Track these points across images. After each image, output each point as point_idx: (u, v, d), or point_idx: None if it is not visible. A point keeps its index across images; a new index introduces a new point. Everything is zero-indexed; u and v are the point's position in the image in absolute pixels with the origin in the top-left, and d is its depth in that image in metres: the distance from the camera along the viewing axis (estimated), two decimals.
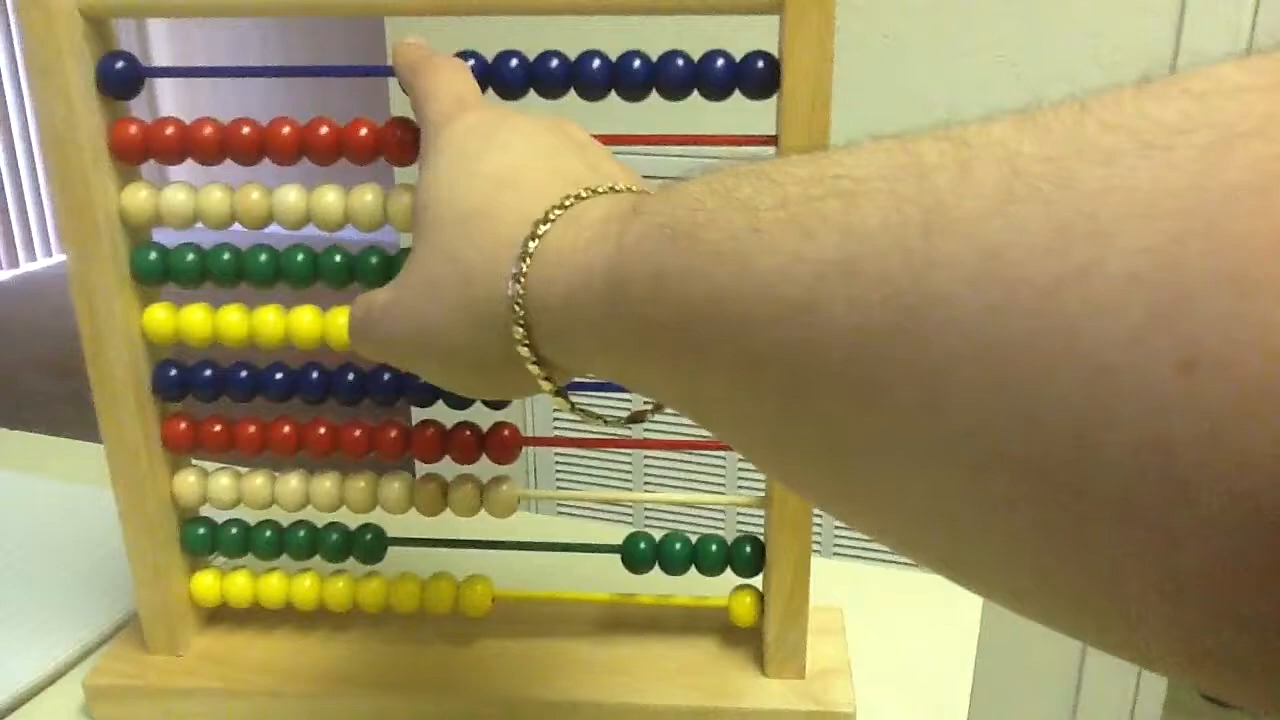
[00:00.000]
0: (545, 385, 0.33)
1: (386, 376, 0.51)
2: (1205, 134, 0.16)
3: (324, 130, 0.48)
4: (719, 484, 1.54)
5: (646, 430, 1.54)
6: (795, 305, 0.22)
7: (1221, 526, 0.15)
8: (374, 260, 0.49)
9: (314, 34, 3.96)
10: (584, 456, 1.61)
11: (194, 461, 0.55)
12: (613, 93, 0.46)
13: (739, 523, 1.50)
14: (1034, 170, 0.18)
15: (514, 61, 0.46)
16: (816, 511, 0.54)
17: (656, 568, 0.54)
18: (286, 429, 0.53)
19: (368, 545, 0.55)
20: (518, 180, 0.34)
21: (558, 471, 1.62)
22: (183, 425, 0.53)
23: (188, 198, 0.49)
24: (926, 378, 0.19)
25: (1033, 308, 0.17)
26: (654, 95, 0.46)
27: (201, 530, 0.55)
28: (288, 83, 3.95)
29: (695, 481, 1.56)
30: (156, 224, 0.50)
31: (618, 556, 0.54)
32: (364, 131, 0.47)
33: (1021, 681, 1.51)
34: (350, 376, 0.51)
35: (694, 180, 0.27)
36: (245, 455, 0.54)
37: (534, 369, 0.32)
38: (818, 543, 1.51)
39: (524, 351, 0.32)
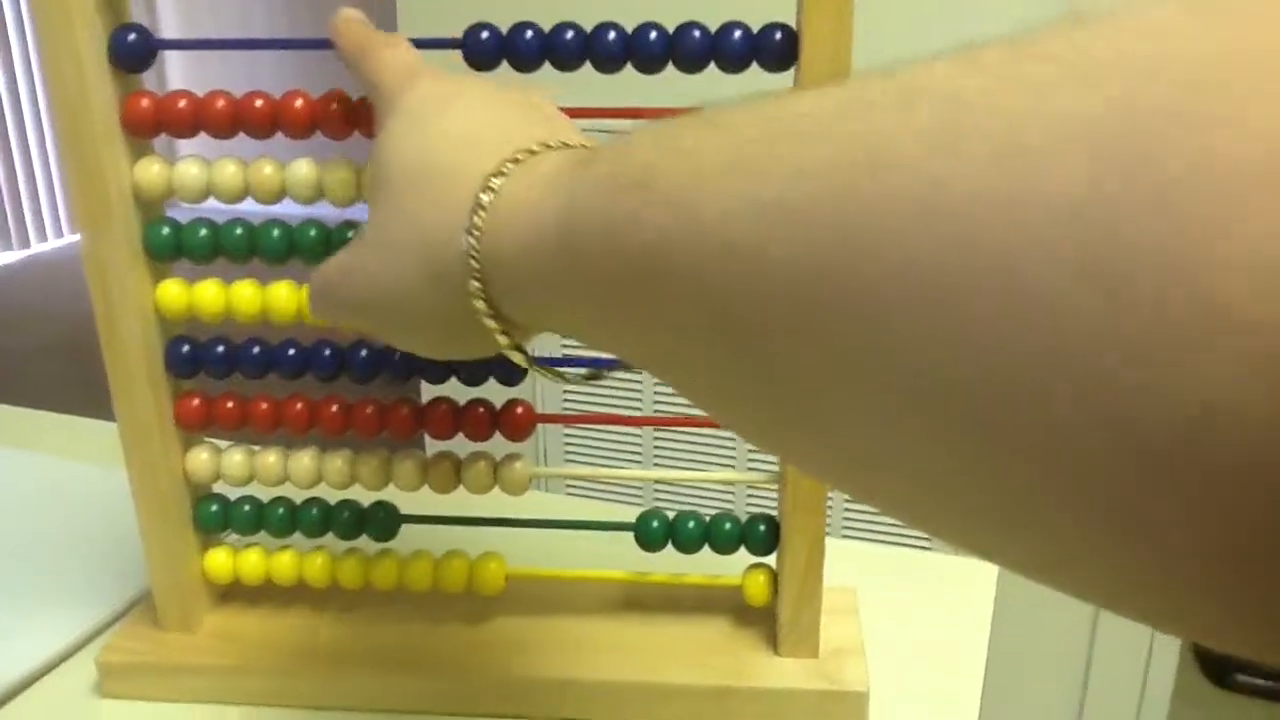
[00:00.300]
0: (502, 340, 0.33)
1: (399, 354, 0.51)
2: (1136, 65, 0.16)
3: (334, 106, 0.47)
4: (729, 462, 1.54)
5: (657, 408, 1.54)
6: (744, 249, 0.21)
7: (1165, 468, 0.15)
8: None
9: (321, 6, 3.94)
10: (593, 434, 1.60)
11: (207, 439, 0.55)
12: (629, 65, 0.46)
13: (749, 501, 1.50)
14: (973, 102, 0.18)
15: (529, 34, 0.46)
16: (829, 493, 0.53)
17: (670, 546, 0.54)
18: (299, 406, 0.52)
19: (380, 523, 0.55)
20: (477, 140, 0.34)
21: (566, 449, 1.62)
22: (195, 402, 0.52)
23: (200, 172, 0.48)
24: (877, 317, 0.19)
25: (974, 241, 0.17)
26: (670, 68, 0.46)
27: (214, 508, 0.54)
28: (297, 55, 3.93)
29: (704, 460, 1.56)
30: (169, 198, 0.49)
31: (631, 535, 0.54)
32: None
33: (1034, 663, 1.51)
34: (363, 354, 0.51)
35: (643, 131, 0.27)
36: (258, 432, 0.53)
37: (490, 323, 0.32)
38: (828, 523, 1.51)
39: (480, 305, 0.32)
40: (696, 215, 0.23)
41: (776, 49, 0.45)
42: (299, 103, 0.47)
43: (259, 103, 0.47)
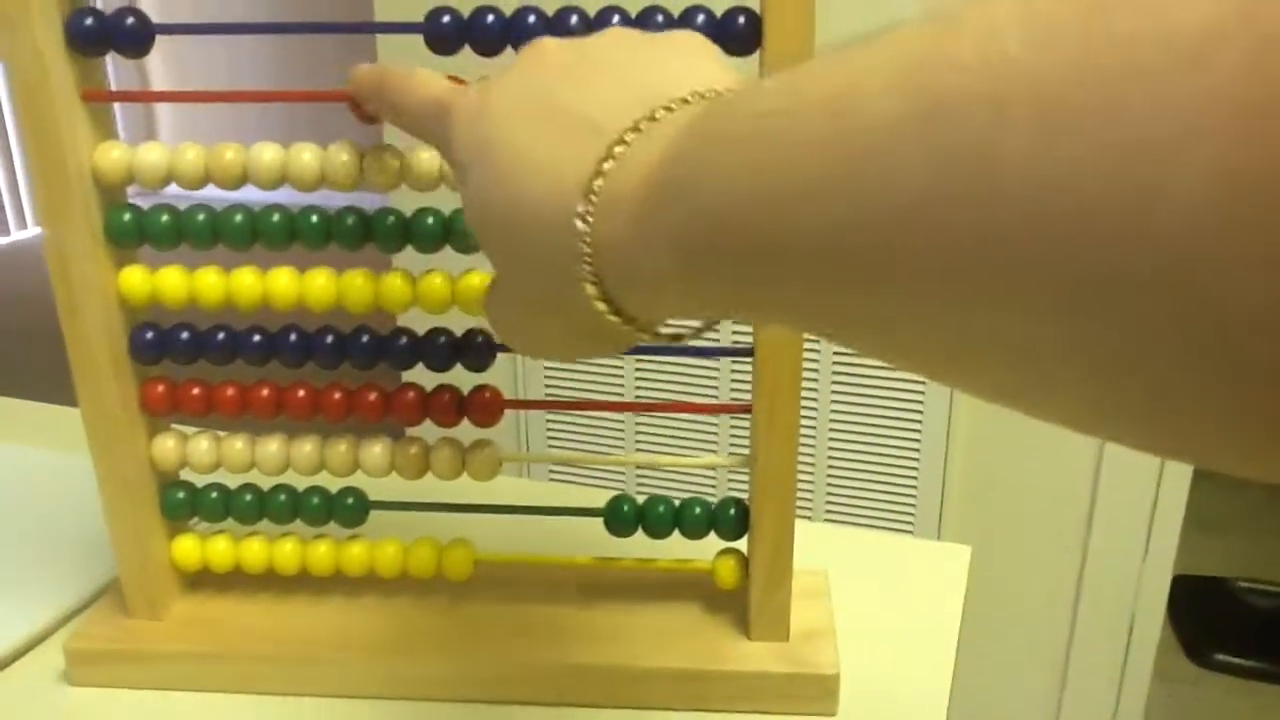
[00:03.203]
0: (612, 319, 0.31)
1: (366, 338, 0.51)
2: None
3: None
4: (712, 446, 1.54)
5: (638, 393, 1.54)
6: (875, 170, 0.21)
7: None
8: (350, 221, 0.49)
9: None
10: (576, 422, 1.60)
11: (173, 425, 0.55)
12: None
13: (730, 485, 1.50)
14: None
15: (490, 17, 0.45)
16: (805, 477, 0.53)
17: (641, 531, 0.54)
18: (266, 392, 0.52)
19: (349, 509, 0.54)
20: (587, 116, 0.31)
21: (549, 437, 1.61)
22: (160, 388, 0.52)
23: (161, 157, 0.48)
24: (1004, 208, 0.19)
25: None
26: None
27: (181, 494, 0.54)
28: (276, 42, 3.91)
29: (689, 445, 1.56)
30: (130, 183, 0.49)
31: (601, 520, 0.54)
32: None
33: (1008, 646, 1.52)
34: (329, 339, 0.51)
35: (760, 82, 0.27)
36: (224, 418, 0.53)
37: (600, 306, 0.30)
38: (809, 510, 1.52)
39: (590, 290, 0.30)
40: (822, 143, 0.22)
41: (740, 33, 0.45)
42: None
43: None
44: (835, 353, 1.44)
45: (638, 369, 1.53)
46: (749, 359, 0.50)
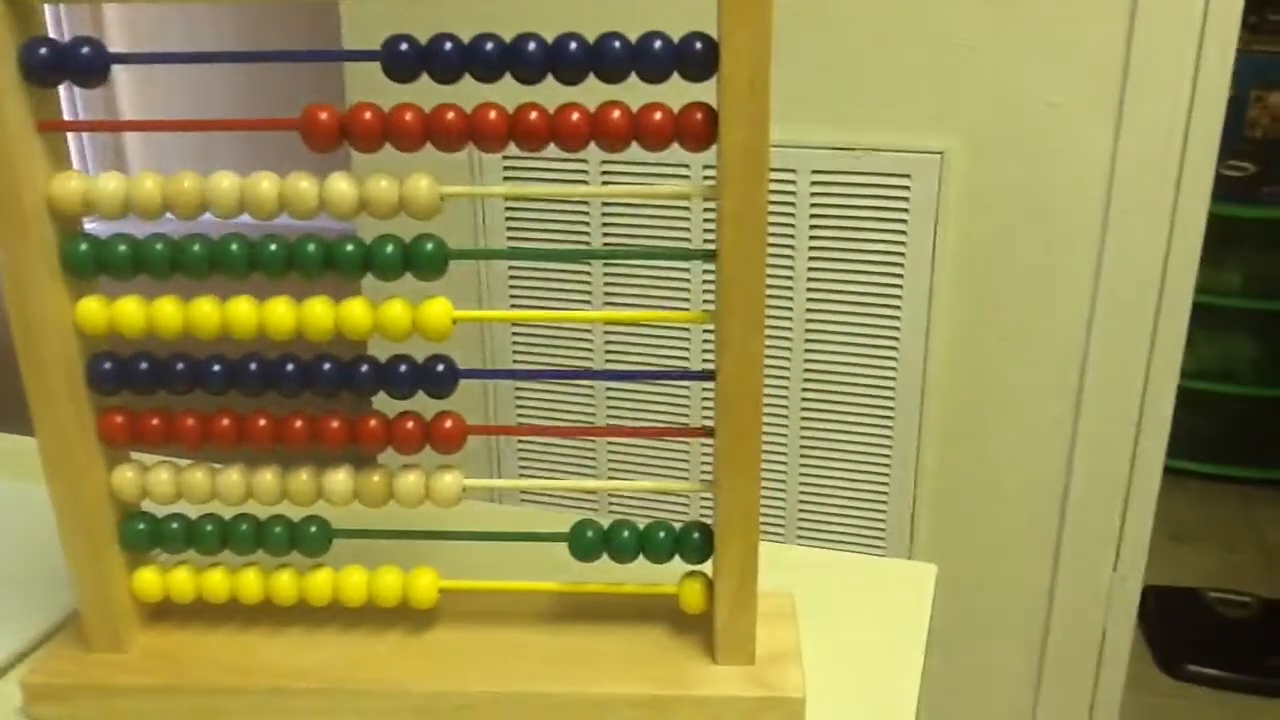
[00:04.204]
0: None
1: (327, 366, 0.51)
2: None
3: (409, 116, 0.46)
4: (683, 471, 1.54)
5: (610, 417, 1.54)
6: None
7: None
8: (311, 249, 0.48)
9: (271, 18, 3.89)
10: (549, 447, 1.60)
11: (132, 455, 0.54)
12: (549, 76, 0.46)
13: (701, 509, 1.50)
14: None
15: (448, 45, 0.45)
16: (776, 498, 0.53)
17: (606, 557, 0.54)
18: (226, 421, 0.52)
19: (312, 538, 0.54)
20: None
21: (520, 462, 1.61)
22: (119, 419, 0.52)
23: (119, 186, 0.48)
24: None
25: None
26: (591, 78, 0.46)
27: (141, 525, 0.54)
28: (247, 67, 3.90)
29: (661, 469, 1.56)
30: (87, 213, 0.49)
31: (567, 545, 0.54)
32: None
33: (980, 660, 1.52)
34: (290, 367, 0.51)
35: None
36: (185, 448, 0.53)
37: None
38: (781, 531, 1.52)
39: None
40: None
41: (697, 58, 0.45)
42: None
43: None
44: (805, 373, 1.44)
45: (609, 394, 1.53)
46: (712, 383, 0.50)
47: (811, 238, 1.38)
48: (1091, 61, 1.26)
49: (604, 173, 1.39)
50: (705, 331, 1.46)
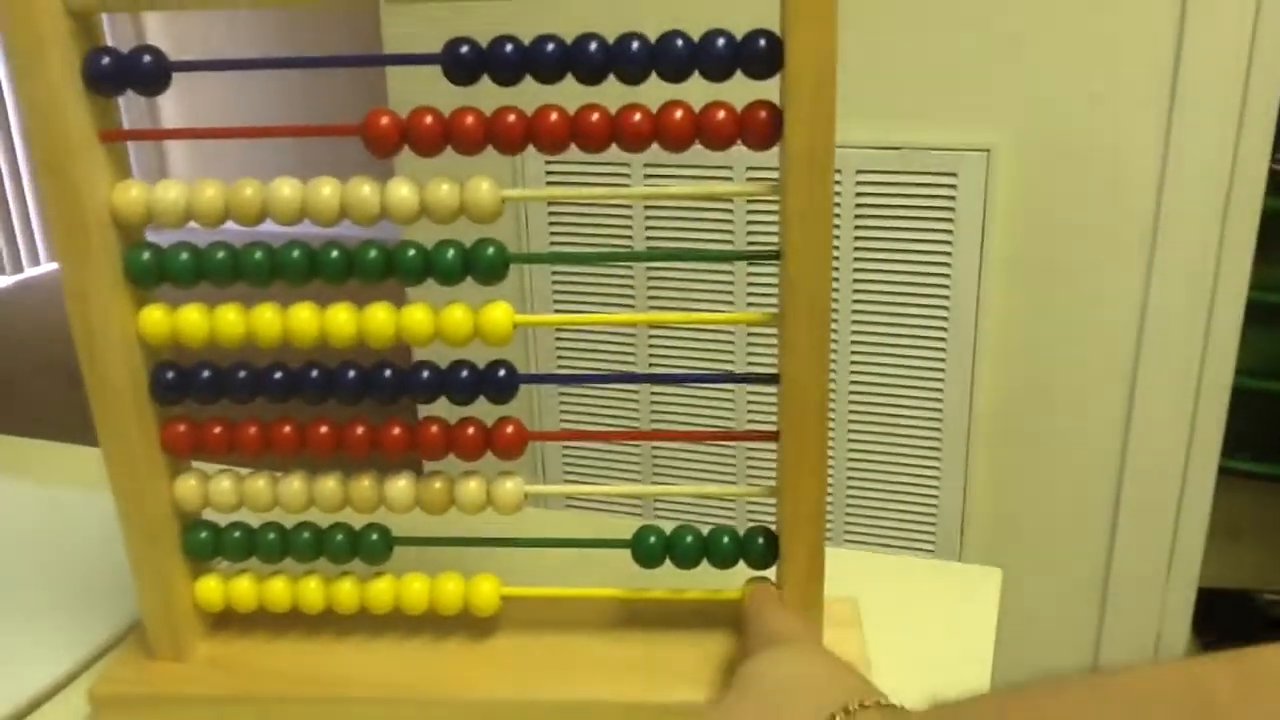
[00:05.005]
0: None
1: (388, 373, 0.50)
2: None
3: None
4: (730, 475, 1.53)
5: (654, 421, 1.53)
6: None
7: None
8: (373, 254, 0.48)
9: (309, 25, 3.93)
10: (593, 451, 1.60)
11: (195, 464, 0.54)
12: (611, 76, 0.45)
13: (749, 514, 1.49)
14: None
15: (509, 47, 0.45)
16: (829, 500, 0.53)
17: (668, 562, 0.53)
18: (288, 429, 0.52)
19: (373, 545, 0.54)
20: (804, 688, 0.40)
21: (565, 466, 1.61)
22: (182, 428, 0.52)
23: (180, 195, 0.48)
24: None
25: None
26: (654, 78, 0.45)
27: (204, 534, 0.54)
28: (285, 76, 3.94)
29: (705, 473, 1.55)
30: (149, 223, 0.49)
31: (628, 551, 0.53)
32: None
33: (1034, 664, 1.50)
34: (351, 374, 0.50)
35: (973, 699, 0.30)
36: (246, 457, 0.53)
37: None
38: (829, 534, 1.50)
39: None
40: None
41: (761, 56, 0.44)
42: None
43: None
44: (852, 375, 1.43)
45: (653, 398, 1.52)
46: (771, 387, 0.49)
47: (857, 239, 1.37)
48: (1142, 54, 1.24)
49: (646, 176, 1.39)
50: (751, 334, 1.45)
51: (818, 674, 0.41)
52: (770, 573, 0.53)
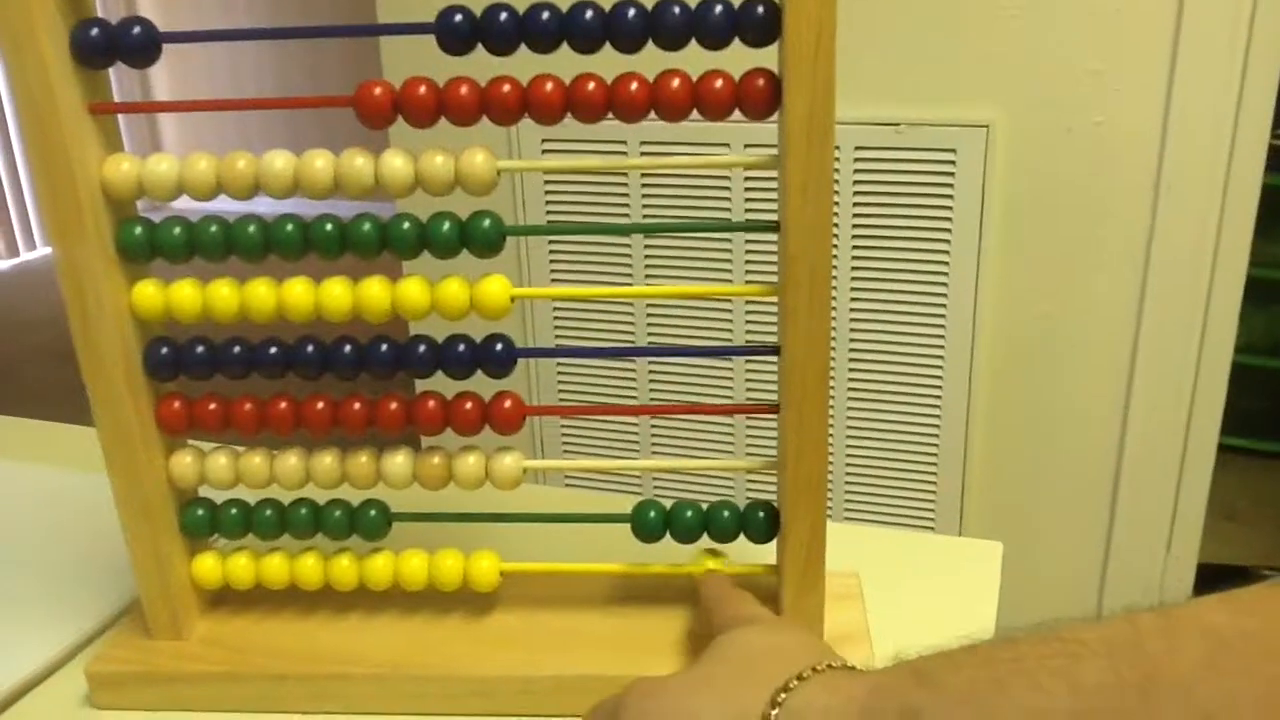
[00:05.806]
0: None
1: (385, 348, 0.50)
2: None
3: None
4: (728, 448, 1.53)
5: (653, 395, 1.53)
6: None
7: None
8: (367, 227, 0.48)
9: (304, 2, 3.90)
10: (591, 425, 1.59)
11: (190, 441, 0.54)
12: (607, 45, 0.45)
13: (748, 488, 1.49)
14: (1236, 645, 0.23)
15: (503, 15, 0.44)
16: (829, 474, 0.52)
17: (668, 536, 0.53)
18: (284, 405, 0.51)
19: (371, 522, 0.53)
20: (774, 657, 0.40)
21: (564, 441, 1.60)
22: (177, 405, 0.51)
23: (171, 168, 0.47)
24: None
25: None
26: (650, 46, 0.45)
27: (200, 512, 0.53)
28: (278, 47, 3.90)
29: (703, 447, 1.55)
30: (140, 196, 0.48)
31: (627, 526, 0.53)
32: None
33: None
34: (347, 349, 0.50)
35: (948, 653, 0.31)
36: (242, 434, 0.52)
37: None
38: (829, 509, 1.50)
39: None
40: (991, 713, 0.27)
41: (759, 23, 0.44)
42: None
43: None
44: (850, 350, 1.42)
45: (652, 372, 1.52)
46: (771, 358, 0.49)
47: (855, 215, 1.36)
48: (1142, 30, 1.23)
49: (644, 154, 1.38)
50: (750, 308, 1.44)
51: (788, 643, 0.42)
52: (770, 547, 0.53)
